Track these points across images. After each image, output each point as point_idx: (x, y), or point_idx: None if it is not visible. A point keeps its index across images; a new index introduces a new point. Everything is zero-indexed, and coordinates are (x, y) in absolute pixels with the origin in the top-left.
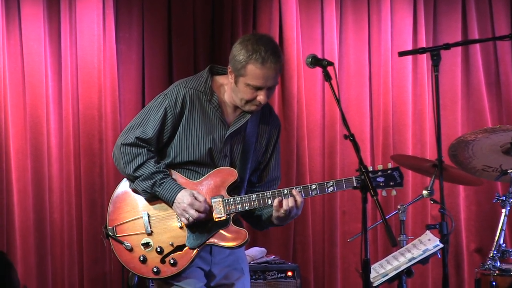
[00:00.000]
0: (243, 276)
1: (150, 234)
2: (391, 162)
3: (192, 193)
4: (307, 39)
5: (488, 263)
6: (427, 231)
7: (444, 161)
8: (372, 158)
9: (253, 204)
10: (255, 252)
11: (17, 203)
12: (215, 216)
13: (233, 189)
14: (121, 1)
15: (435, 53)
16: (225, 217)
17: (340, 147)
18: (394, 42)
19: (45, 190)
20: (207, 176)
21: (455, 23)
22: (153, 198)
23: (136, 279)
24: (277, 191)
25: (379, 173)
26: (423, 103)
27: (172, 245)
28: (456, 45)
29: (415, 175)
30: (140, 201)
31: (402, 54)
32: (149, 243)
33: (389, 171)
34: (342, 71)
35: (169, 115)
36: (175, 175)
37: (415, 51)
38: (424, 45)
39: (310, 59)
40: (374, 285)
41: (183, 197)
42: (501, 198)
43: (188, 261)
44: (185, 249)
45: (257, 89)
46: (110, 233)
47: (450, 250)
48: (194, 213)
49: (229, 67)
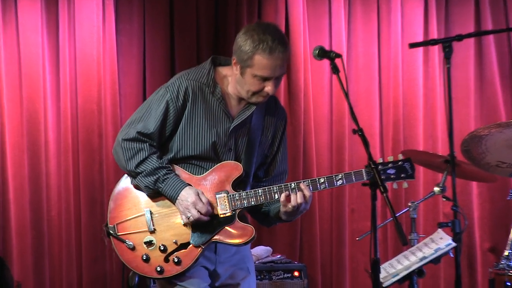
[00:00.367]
0: (249, 275)
1: (153, 232)
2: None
3: (196, 192)
4: (314, 30)
5: (502, 262)
6: (439, 229)
7: (456, 156)
8: (381, 153)
9: (259, 199)
10: (260, 251)
11: (13, 200)
12: (220, 212)
13: (238, 184)
14: None
15: (447, 44)
16: (231, 213)
17: (348, 142)
18: (404, 33)
19: (42, 187)
20: (211, 170)
21: (468, 13)
22: (155, 194)
23: (137, 279)
24: (284, 185)
25: (390, 165)
26: (435, 96)
27: (176, 243)
28: (468, 36)
29: (426, 171)
30: (142, 198)
31: (412, 45)
32: (152, 241)
33: (400, 163)
34: (350, 64)
35: (171, 108)
36: (178, 170)
37: (426, 43)
38: (435, 37)
39: (317, 51)
40: (384, 285)
41: (187, 195)
42: None
43: (192, 259)
44: (189, 247)
45: (265, 79)
46: (111, 232)
47: (463, 249)
48: (195, 213)
49: (233, 58)
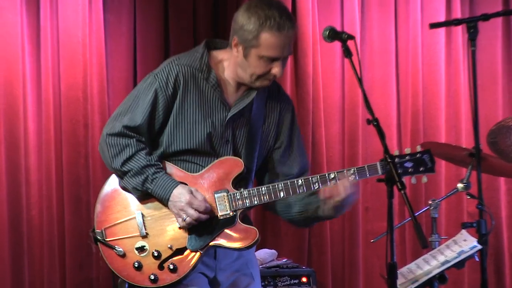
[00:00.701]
0: (253, 282)
1: (145, 236)
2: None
3: (190, 190)
4: (324, 9)
5: None
6: (463, 230)
7: (482, 149)
8: (399, 146)
9: (263, 198)
10: (264, 254)
11: None
12: (220, 213)
13: (239, 182)
14: None
15: (471, 25)
16: (231, 214)
17: (362, 133)
18: (424, 12)
19: (21, 183)
20: (209, 168)
21: None
22: (146, 196)
23: (126, 286)
24: (290, 182)
25: (407, 157)
26: (458, 83)
27: (171, 248)
28: (496, 15)
29: (448, 166)
30: (132, 199)
31: (433, 26)
32: (145, 246)
33: (418, 155)
34: (364, 46)
35: (160, 97)
36: (171, 168)
37: (449, 23)
38: (459, 16)
39: (327, 32)
40: None
41: (180, 195)
42: None
43: (190, 266)
44: (186, 253)
45: (272, 60)
46: (99, 237)
47: (489, 252)
48: (193, 213)
49: (234, 38)
